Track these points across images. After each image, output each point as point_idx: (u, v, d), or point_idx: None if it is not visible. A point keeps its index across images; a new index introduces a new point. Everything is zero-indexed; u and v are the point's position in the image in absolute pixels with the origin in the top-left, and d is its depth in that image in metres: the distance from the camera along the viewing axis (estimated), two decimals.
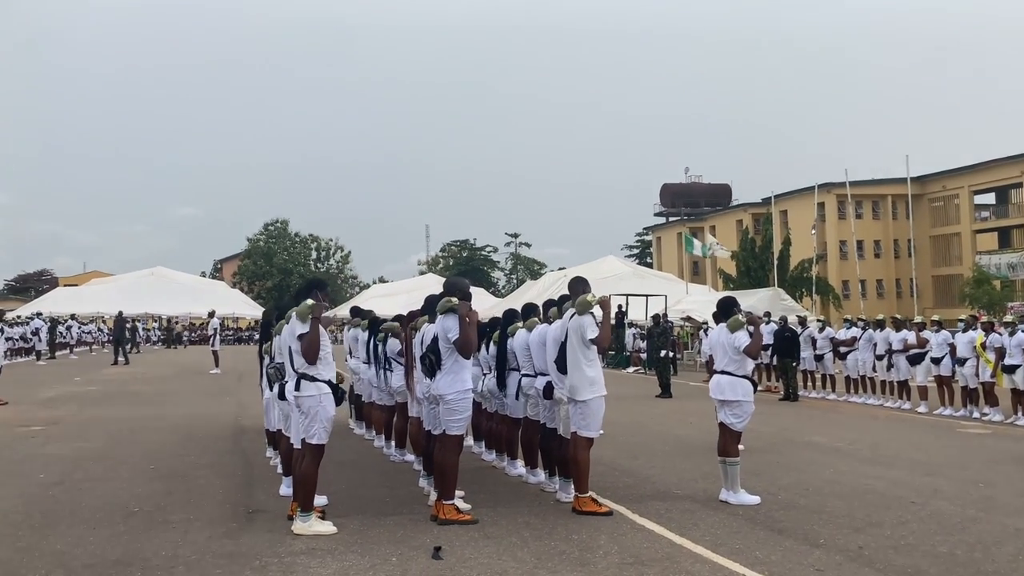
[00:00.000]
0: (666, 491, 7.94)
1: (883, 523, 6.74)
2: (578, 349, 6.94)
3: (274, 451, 8.46)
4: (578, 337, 6.93)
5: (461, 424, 6.62)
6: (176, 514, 6.69)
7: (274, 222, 77.26)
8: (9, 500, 7.21)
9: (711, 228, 67.44)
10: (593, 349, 6.95)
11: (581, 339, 6.90)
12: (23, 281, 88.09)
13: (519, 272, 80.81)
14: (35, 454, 9.67)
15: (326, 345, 6.29)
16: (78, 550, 5.64)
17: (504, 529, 6.35)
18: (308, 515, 6.15)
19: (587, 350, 6.93)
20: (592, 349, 6.94)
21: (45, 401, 15.85)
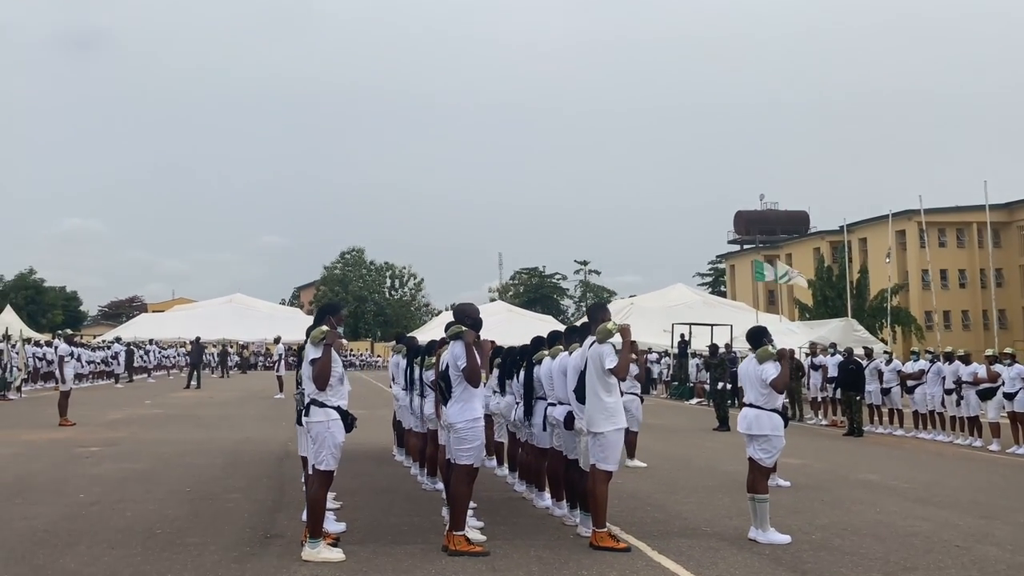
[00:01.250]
0: (695, 528, 7.68)
1: (917, 567, 6.37)
2: (596, 378, 6.80)
3: (305, 477, 8.54)
4: (596, 366, 6.80)
5: (471, 453, 6.53)
6: (194, 537, 6.78)
7: (350, 251, 79.00)
8: (43, 518, 7.44)
9: (787, 256, 65.87)
10: (612, 379, 6.80)
11: (600, 368, 6.77)
12: (115, 307, 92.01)
13: (588, 299, 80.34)
14: (82, 474, 9.99)
15: (337, 371, 6.32)
16: (89, 569, 5.76)
17: (514, 563, 6.22)
18: (317, 542, 6.16)
19: (606, 380, 6.78)
20: (611, 379, 6.79)
21: (110, 423, 16.41)
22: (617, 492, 9.43)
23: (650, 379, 33.13)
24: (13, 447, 12.50)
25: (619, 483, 10.11)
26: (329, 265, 78.16)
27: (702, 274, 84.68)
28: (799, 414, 20.61)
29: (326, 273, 77.61)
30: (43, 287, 55.47)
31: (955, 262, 56.05)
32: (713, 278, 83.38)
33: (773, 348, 7.35)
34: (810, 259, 60.29)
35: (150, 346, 38.13)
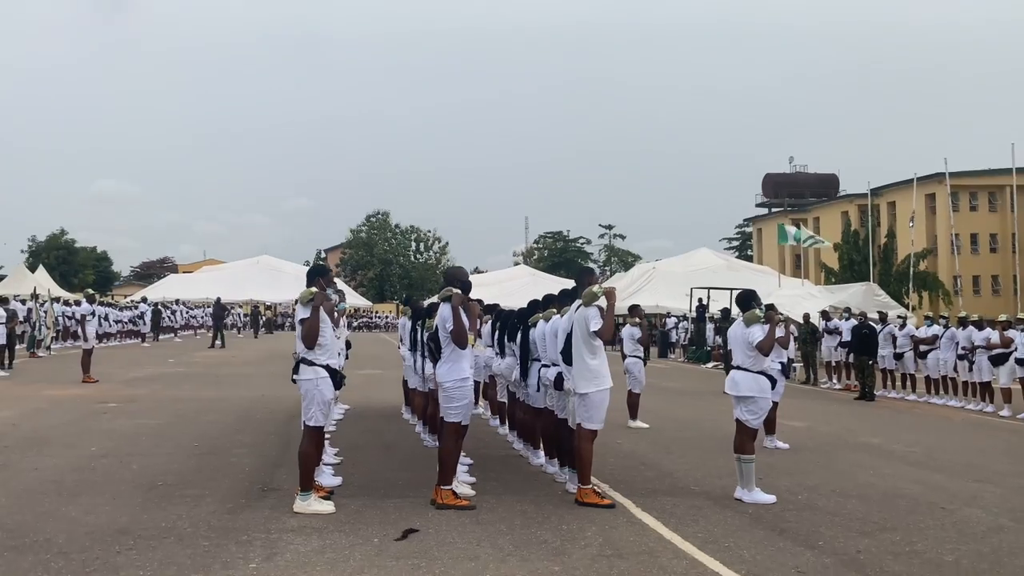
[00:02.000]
0: (683, 487, 7.81)
1: (898, 528, 6.45)
2: (582, 341, 6.91)
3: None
4: (582, 329, 6.90)
5: (458, 411, 6.70)
6: (194, 489, 7.04)
7: (376, 214, 79.26)
8: (53, 469, 7.76)
9: (814, 220, 65.13)
10: (597, 341, 6.90)
11: (585, 331, 6.87)
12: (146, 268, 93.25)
13: (613, 264, 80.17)
14: (98, 428, 10.34)
15: (327, 331, 6.49)
16: (89, 518, 6.03)
17: (498, 516, 6.41)
18: (308, 494, 6.37)
19: (591, 342, 6.89)
20: (596, 341, 6.90)
21: (131, 381, 16.85)
22: (614, 451, 9.64)
23: (668, 343, 33.22)
24: (36, 402, 12.93)
25: (618, 443, 10.33)
26: (355, 228, 78.61)
27: (729, 238, 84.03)
28: (813, 378, 20.61)
29: (352, 236, 78.03)
30: (74, 247, 56.49)
31: (986, 226, 55.03)
32: (740, 242, 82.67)
33: (761, 311, 7.40)
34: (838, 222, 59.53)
35: (176, 306, 38.80)
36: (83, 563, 5.00)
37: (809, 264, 63.51)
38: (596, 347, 6.91)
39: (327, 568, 5.05)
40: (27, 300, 24.87)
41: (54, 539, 5.47)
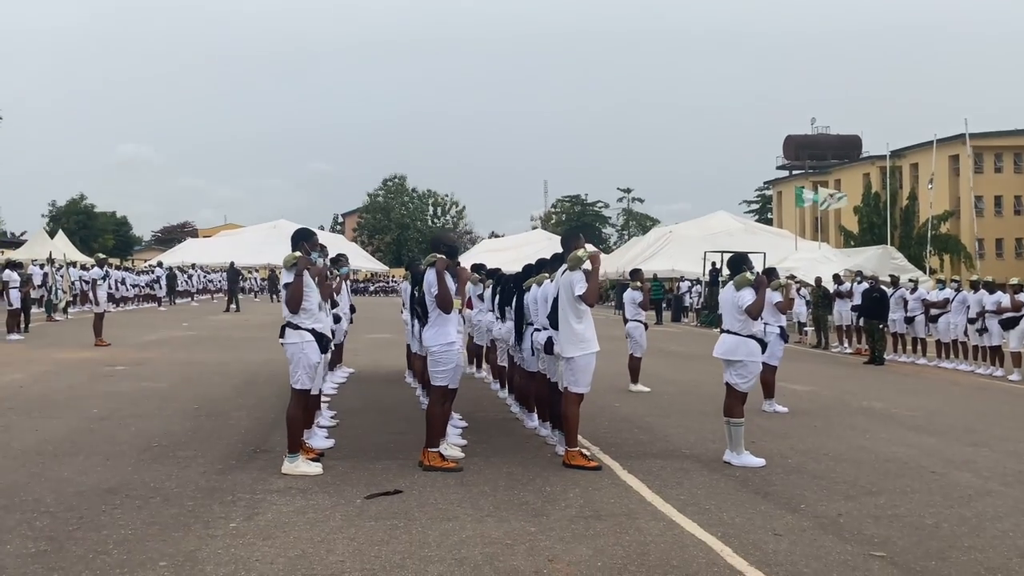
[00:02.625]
0: (674, 450, 7.83)
1: (884, 492, 6.44)
2: (567, 305, 6.90)
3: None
4: (568, 293, 6.89)
5: (445, 375, 6.73)
6: (187, 451, 7.15)
7: (392, 178, 79.15)
8: (53, 430, 7.90)
9: (836, 182, 64.20)
10: (583, 305, 6.88)
11: (570, 295, 6.86)
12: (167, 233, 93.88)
13: (631, 228, 79.70)
14: (102, 391, 10.50)
15: (312, 295, 6.52)
16: (81, 478, 6.15)
17: (483, 478, 6.46)
18: (295, 456, 6.45)
19: (577, 306, 6.87)
20: (582, 305, 6.88)
21: (143, 344, 17.07)
22: (609, 414, 9.68)
23: (681, 307, 33.12)
24: (46, 365, 13.14)
25: (616, 406, 10.37)
26: (372, 192, 78.56)
27: (749, 201, 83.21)
28: (825, 342, 20.50)
29: (369, 200, 78.06)
30: (94, 212, 56.98)
31: (1011, 188, 54.03)
32: (760, 205, 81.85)
33: (752, 275, 7.35)
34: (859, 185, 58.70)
35: (193, 271, 39.12)
36: (67, 521, 5.11)
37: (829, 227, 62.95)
38: (582, 311, 6.89)
39: (306, 527, 5.13)
40: (43, 265, 25.16)
41: (43, 498, 5.59)
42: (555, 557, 4.72)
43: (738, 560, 4.76)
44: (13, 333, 18.07)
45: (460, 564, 4.56)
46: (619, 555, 4.78)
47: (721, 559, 4.78)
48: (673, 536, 5.18)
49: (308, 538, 4.92)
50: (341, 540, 4.90)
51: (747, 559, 4.78)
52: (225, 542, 4.81)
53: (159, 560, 4.49)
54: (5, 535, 4.84)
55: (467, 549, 4.80)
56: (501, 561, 4.62)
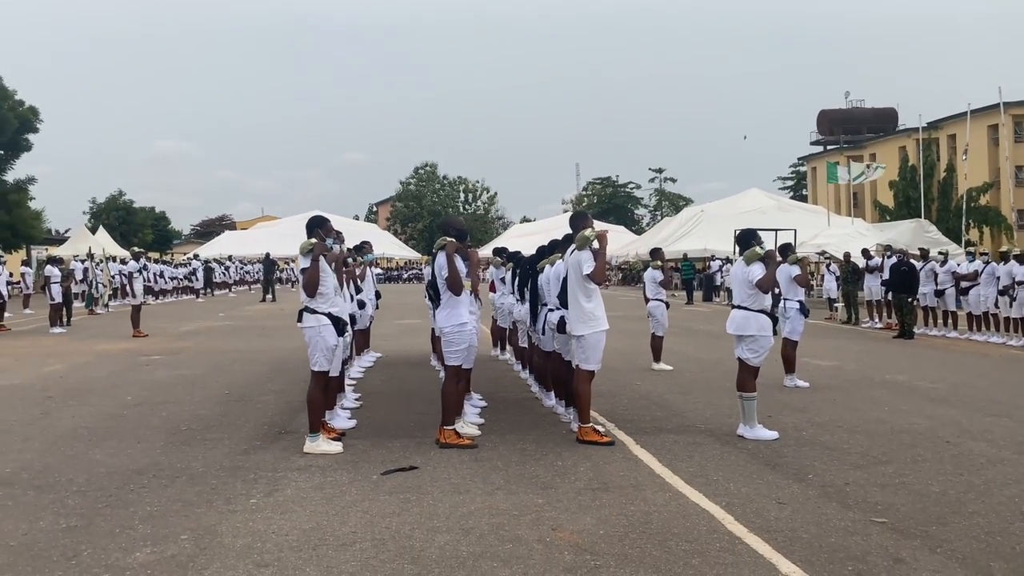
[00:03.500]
0: (690, 425, 7.93)
1: (893, 461, 6.50)
2: (576, 284, 7.02)
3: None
4: (576, 272, 7.01)
5: (457, 355, 6.92)
6: (214, 433, 7.43)
7: (423, 166, 79.57)
8: (89, 416, 8.24)
9: (871, 156, 63.10)
10: (592, 284, 6.99)
11: (579, 274, 6.97)
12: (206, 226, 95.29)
13: (663, 208, 79.23)
14: (138, 379, 10.86)
15: (328, 280, 6.73)
16: (112, 460, 6.44)
17: (496, 454, 6.63)
18: (316, 435, 6.68)
19: (585, 285, 6.99)
20: (590, 284, 6.99)
21: (180, 334, 17.53)
22: (629, 392, 9.80)
23: (712, 286, 32.99)
24: (87, 356, 13.59)
25: (636, 384, 10.48)
26: (404, 180, 79.08)
27: (783, 178, 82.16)
28: (855, 317, 20.34)
29: (401, 188, 78.60)
30: (133, 208, 58.12)
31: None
32: (795, 181, 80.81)
33: (761, 250, 7.39)
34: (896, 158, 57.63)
35: (230, 262, 39.81)
36: (96, 499, 5.39)
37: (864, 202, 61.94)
38: (591, 290, 7.00)
39: (323, 502, 5.35)
40: (84, 260, 25.84)
41: (75, 479, 5.88)
42: (559, 526, 4.88)
43: (738, 527, 4.88)
44: (56, 326, 18.65)
45: (467, 534, 4.74)
46: (622, 524, 4.93)
47: (722, 527, 4.90)
48: (677, 506, 5.31)
49: (323, 511, 5.14)
50: (355, 513, 5.11)
51: (748, 526, 4.89)
52: (244, 516, 5.04)
53: (181, 534, 4.73)
54: (39, 512, 5.12)
55: (474, 520, 4.97)
56: (506, 531, 4.79)
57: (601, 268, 6.88)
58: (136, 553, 4.42)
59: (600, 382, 10.56)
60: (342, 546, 4.54)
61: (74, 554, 4.40)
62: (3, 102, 32.24)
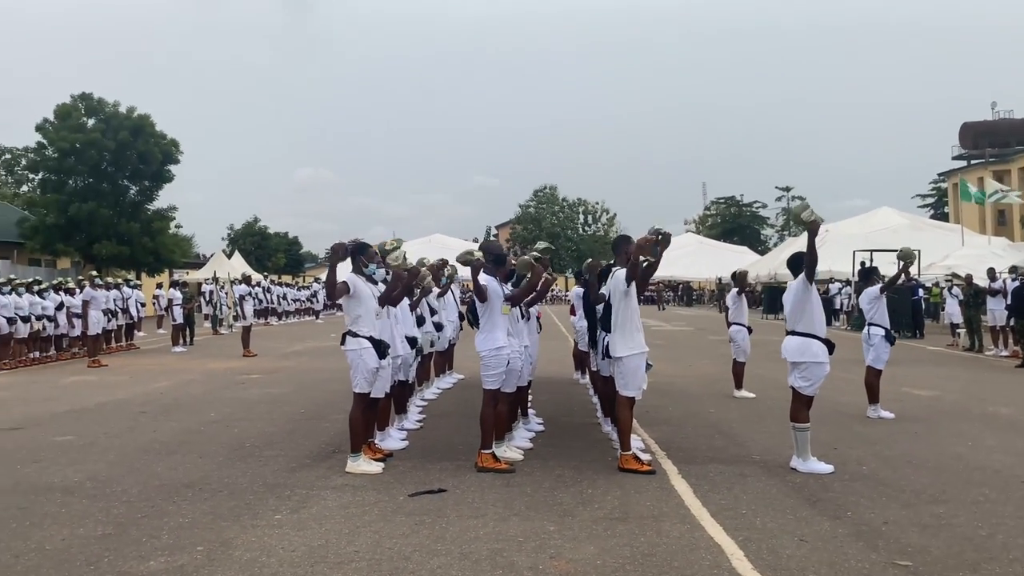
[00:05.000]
0: (744, 456, 7.66)
1: (951, 500, 6.07)
2: (617, 304, 6.96)
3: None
4: (618, 292, 6.95)
5: (495, 379, 6.98)
6: (273, 451, 7.79)
7: (543, 188, 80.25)
8: (168, 432, 8.81)
9: (1020, 171, 59.01)
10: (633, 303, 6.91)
11: (621, 294, 6.93)
12: None
13: (790, 228, 76.42)
14: (227, 397, 11.51)
15: (369, 305, 6.97)
16: (169, 473, 6.88)
17: (531, 479, 6.64)
18: (357, 455, 6.90)
19: (627, 306, 6.92)
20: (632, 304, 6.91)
21: (285, 354, 18.41)
22: (698, 421, 9.60)
23: (832, 309, 31.55)
24: (193, 374, 14.50)
25: (709, 412, 10.24)
26: (523, 203, 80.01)
27: (923, 195, 77.72)
28: (978, 344, 19.00)
29: (520, 211, 79.52)
30: (267, 233, 61.54)
31: None
32: (936, 198, 76.28)
33: None
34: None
35: None
36: (138, 510, 5.77)
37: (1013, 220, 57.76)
38: (631, 311, 6.92)
39: (342, 520, 5.52)
40: (209, 283, 27.56)
41: (129, 490, 6.32)
42: (558, 555, 4.84)
43: (744, 564, 4.70)
44: (177, 345, 19.99)
45: (463, 558, 4.78)
46: (624, 555, 4.84)
47: (727, 563, 4.73)
48: (691, 539, 5.16)
49: (337, 530, 5.31)
50: (366, 532, 5.25)
51: (754, 563, 4.70)
52: (262, 531, 5.28)
53: (198, 545, 5.01)
54: (83, 519, 5.54)
55: (477, 545, 5.01)
56: (503, 557, 4.80)
57: (638, 272, 6.75)
58: (151, 562, 4.72)
59: (672, 409, 10.42)
60: (339, 564, 4.68)
61: (96, 560, 4.75)
62: (149, 138, 34.97)
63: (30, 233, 34.18)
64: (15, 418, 9.78)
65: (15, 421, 9.56)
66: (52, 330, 17.20)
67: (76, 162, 34.00)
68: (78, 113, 34.55)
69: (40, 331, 16.82)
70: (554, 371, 14.46)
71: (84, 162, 33.99)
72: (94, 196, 34.03)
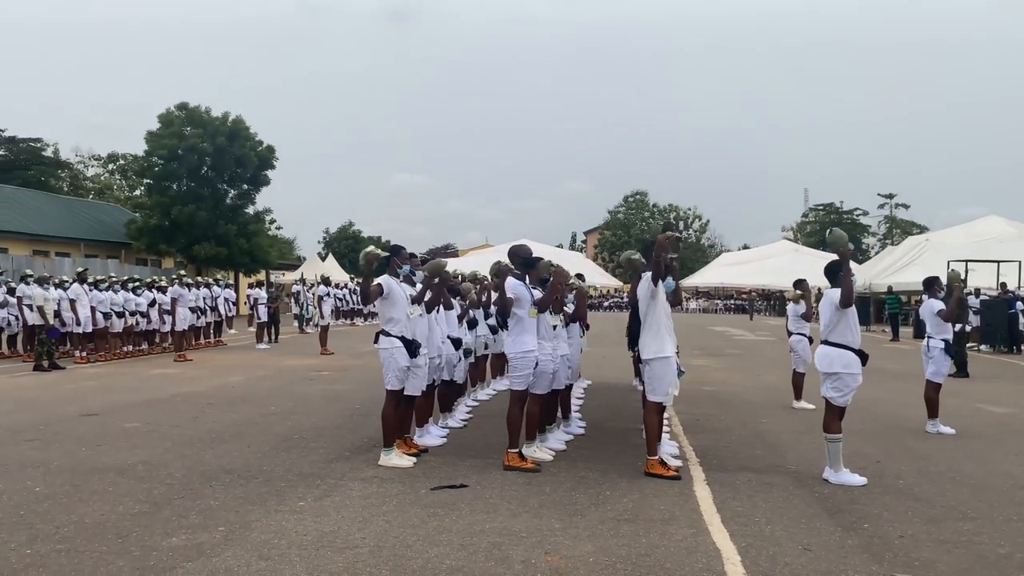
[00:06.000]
0: (779, 466, 7.57)
1: (980, 518, 5.88)
2: (646, 307, 7.01)
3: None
4: (646, 294, 7.00)
5: (520, 381, 7.13)
6: (318, 442, 8.15)
7: (633, 194, 79.72)
8: (226, 423, 9.30)
9: None
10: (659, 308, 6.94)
11: (647, 297, 6.97)
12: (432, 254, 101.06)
13: (895, 236, 73.50)
14: (292, 392, 12.03)
15: (402, 306, 7.23)
16: (216, 460, 7.30)
17: (554, 479, 6.76)
18: (390, 449, 7.17)
19: (653, 311, 6.96)
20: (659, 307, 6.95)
21: (359, 354, 18.98)
22: (747, 430, 9.57)
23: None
24: (268, 370, 15.17)
25: (761, 422, 10.14)
26: (612, 209, 79.67)
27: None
28: None
29: (610, 217, 79.19)
30: (360, 237, 63.36)
31: None
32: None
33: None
34: None
35: None
36: (177, 492, 6.18)
37: None
38: (658, 314, 6.95)
39: (359, 509, 5.78)
40: (298, 284, 28.63)
41: (174, 474, 6.76)
42: (554, 551, 4.96)
43: (737, 569, 4.71)
44: (261, 343, 20.90)
45: (460, 549, 4.95)
46: (619, 555, 4.91)
47: (720, 567, 4.74)
48: (693, 543, 5.18)
49: (352, 517, 5.56)
50: (378, 521, 5.49)
51: (748, 569, 4.70)
52: (283, 516, 5.59)
53: (220, 526, 5.35)
54: (125, 498, 5.98)
55: (478, 538, 5.17)
56: (501, 551, 4.95)
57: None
58: (173, 538, 5.08)
59: (724, 418, 10.33)
60: (343, 548, 4.93)
61: (126, 534, 5.14)
62: (244, 142, 36.63)
63: (136, 234, 36.23)
64: (94, 406, 10.50)
65: (93, 408, 10.27)
66: (145, 325, 18.27)
67: (178, 167, 35.88)
68: (179, 120, 36.44)
69: (134, 326, 17.89)
70: (616, 377, 14.50)
71: (185, 167, 35.84)
72: (194, 199, 35.83)
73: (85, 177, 58.27)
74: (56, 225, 35.94)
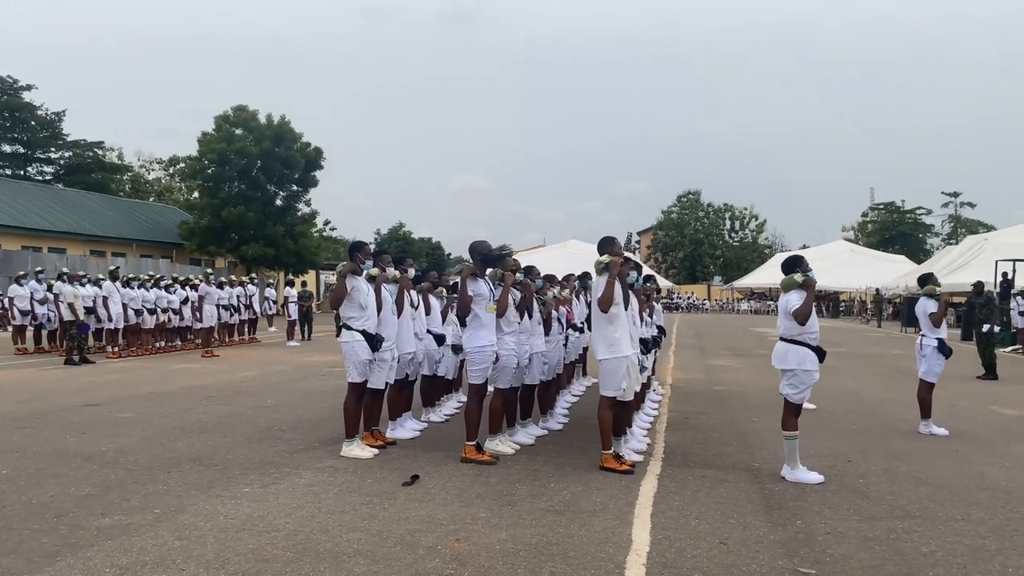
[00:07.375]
0: (740, 463, 7.47)
1: (927, 518, 5.73)
2: (597, 310, 7.02)
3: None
4: (596, 298, 7.02)
5: (478, 375, 7.22)
6: (292, 434, 8.37)
7: (686, 194, 78.85)
8: (215, 414, 9.60)
9: None
10: (614, 309, 6.94)
11: (596, 300, 6.99)
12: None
13: (959, 236, 71.05)
14: (295, 387, 12.32)
15: (371, 300, 7.39)
16: (188, 449, 7.55)
17: (505, 472, 6.82)
18: (351, 440, 7.34)
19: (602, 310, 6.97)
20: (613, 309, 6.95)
21: None
22: (733, 428, 9.44)
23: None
24: (285, 366, 15.55)
25: (752, 420, 10.03)
26: (666, 209, 78.93)
27: None
28: None
29: (663, 217, 78.48)
30: (411, 238, 64.25)
31: None
32: None
33: (800, 277, 6.85)
34: None
35: None
36: (135, 476, 6.44)
37: None
38: (613, 315, 6.96)
39: (296, 495, 5.94)
40: None
41: (138, 460, 7.04)
42: (464, 538, 5.03)
43: (636, 560, 4.71)
44: (291, 340, 21.38)
45: (375, 535, 5.06)
46: (528, 543, 4.95)
47: (621, 557, 4.75)
48: (609, 535, 5.19)
49: (286, 504, 5.73)
50: (308, 508, 5.64)
51: (649, 561, 4.70)
52: (221, 501, 5.78)
53: (155, 508, 5.57)
54: (82, 482, 6.27)
55: (399, 525, 5.27)
56: (412, 537, 5.04)
57: (607, 295, 6.80)
58: (106, 519, 5.31)
59: (714, 416, 10.24)
60: (262, 532, 5.09)
61: (63, 514, 5.40)
62: (290, 144, 37.52)
63: (188, 235, 37.40)
64: (99, 397, 10.95)
65: (97, 399, 10.71)
66: (177, 322, 18.88)
67: (229, 169, 36.91)
68: (228, 124, 37.47)
69: (166, 323, 18.51)
70: None
71: (235, 169, 36.84)
72: (243, 201, 36.80)
73: (146, 180, 60.29)
74: (113, 226, 37.33)
